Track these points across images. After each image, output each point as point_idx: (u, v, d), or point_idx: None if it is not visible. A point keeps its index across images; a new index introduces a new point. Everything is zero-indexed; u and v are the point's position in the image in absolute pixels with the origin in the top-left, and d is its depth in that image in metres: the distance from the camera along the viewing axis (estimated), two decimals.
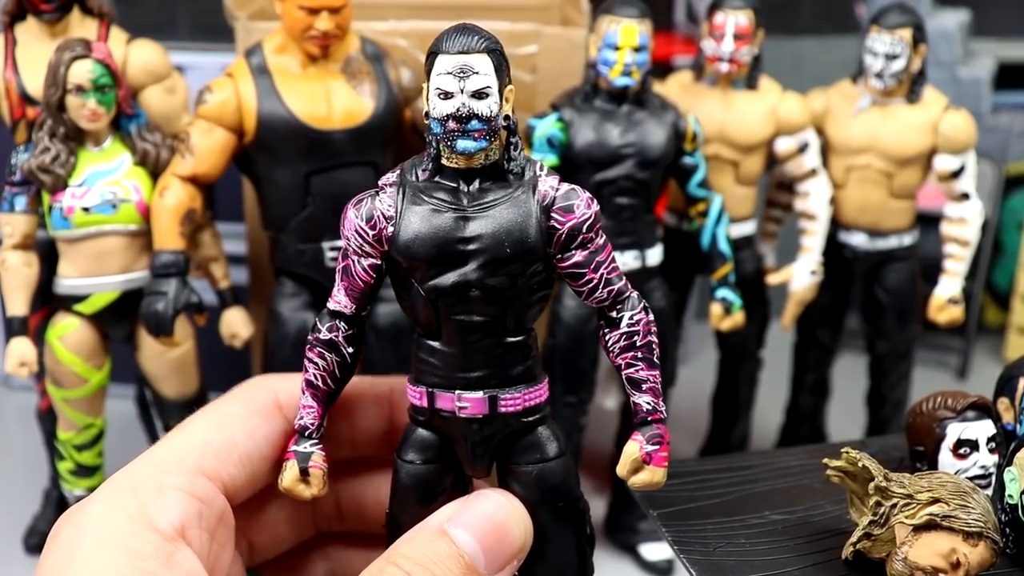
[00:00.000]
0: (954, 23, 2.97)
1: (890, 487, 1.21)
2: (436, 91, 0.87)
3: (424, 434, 0.91)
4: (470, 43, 0.87)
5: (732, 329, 2.08)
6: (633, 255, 1.96)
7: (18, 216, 1.81)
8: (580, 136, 1.91)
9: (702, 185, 2.01)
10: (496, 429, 0.90)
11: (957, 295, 2.13)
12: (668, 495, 1.43)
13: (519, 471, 0.90)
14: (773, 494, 1.44)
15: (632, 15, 1.89)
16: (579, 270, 0.90)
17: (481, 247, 0.86)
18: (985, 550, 1.18)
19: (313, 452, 0.90)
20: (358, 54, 1.89)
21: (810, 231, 2.17)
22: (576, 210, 0.89)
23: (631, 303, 0.93)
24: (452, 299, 0.87)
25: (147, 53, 1.94)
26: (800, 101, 2.14)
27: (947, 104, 2.10)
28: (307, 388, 0.92)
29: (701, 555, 1.29)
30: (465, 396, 0.88)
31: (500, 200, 0.87)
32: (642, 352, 0.92)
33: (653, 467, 0.91)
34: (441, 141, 0.87)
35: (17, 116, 1.91)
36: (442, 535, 0.81)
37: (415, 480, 0.90)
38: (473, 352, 0.88)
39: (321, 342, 0.92)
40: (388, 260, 0.90)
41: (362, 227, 0.89)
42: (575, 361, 2.01)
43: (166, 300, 1.79)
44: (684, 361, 2.62)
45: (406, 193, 0.88)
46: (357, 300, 0.93)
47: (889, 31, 2.03)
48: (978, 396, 1.38)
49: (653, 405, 0.92)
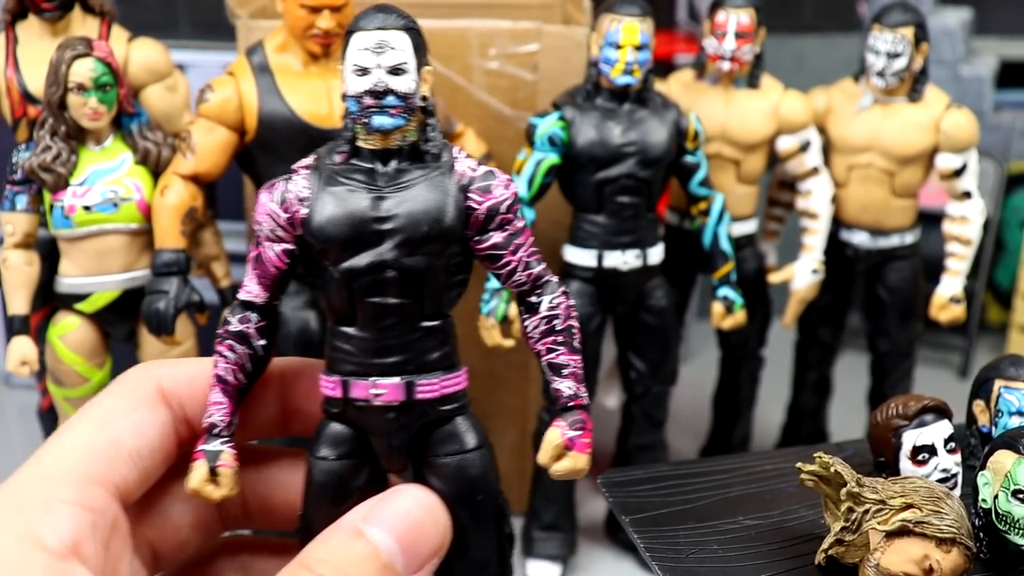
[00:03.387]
0: (956, 21, 2.97)
1: (862, 492, 1.19)
2: (353, 68, 0.86)
3: (338, 428, 0.88)
4: (388, 20, 0.86)
5: (733, 328, 2.08)
6: (635, 254, 1.96)
7: (19, 215, 1.81)
8: (582, 135, 1.91)
9: (704, 184, 2.01)
10: (413, 417, 0.87)
11: (959, 294, 2.13)
12: (641, 501, 1.42)
13: (437, 463, 0.88)
14: (748, 499, 1.42)
15: (634, 13, 1.88)
16: (497, 251, 0.88)
17: (397, 227, 0.84)
18: (959, 556, 1.17)
19: (223, 451, 0.86)
20: None
21: (812, 230, 2.17)
22: (494, 191, 0.87)
23: (551, 287, 0.90)
24: (367, 281, 0.85)
25: (148, 51, 1.94)
26: (802, 99, 2.14)
27: (949, 102, 2.10)
28: (216, 383, 0.87)
29: (673, 562, 1.28)
30: (381, 382, 0.86)
31: (417, 180, 0.86)
32: (562, 336, 0.89)
33: (576, 453, 0.88)
34: (357, 119, 0.86)
35: (18, 114, 1.91)
36: (357, 535, 0.77)
37: (329, 477, 0.87)
38: (388, 337, 0.86)
39: (231, 334, 0.88)
40: (302, 244, 0.87)
41: (275, 211, 0.86)
42: None
43: (167, 299, 1.79)
44: (685, 360, 2.61)
45: (321, 175, 0.86)
46: (269, 289, 0.90)
47: (891, 29, 2.03)
48: (930, 398, 1.37)
49: (575, 390, 0.89)
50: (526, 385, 2.24)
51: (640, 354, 2.08)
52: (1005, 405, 1.40)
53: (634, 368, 2.09)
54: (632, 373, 2.10)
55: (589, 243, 1.96)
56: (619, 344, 2.12)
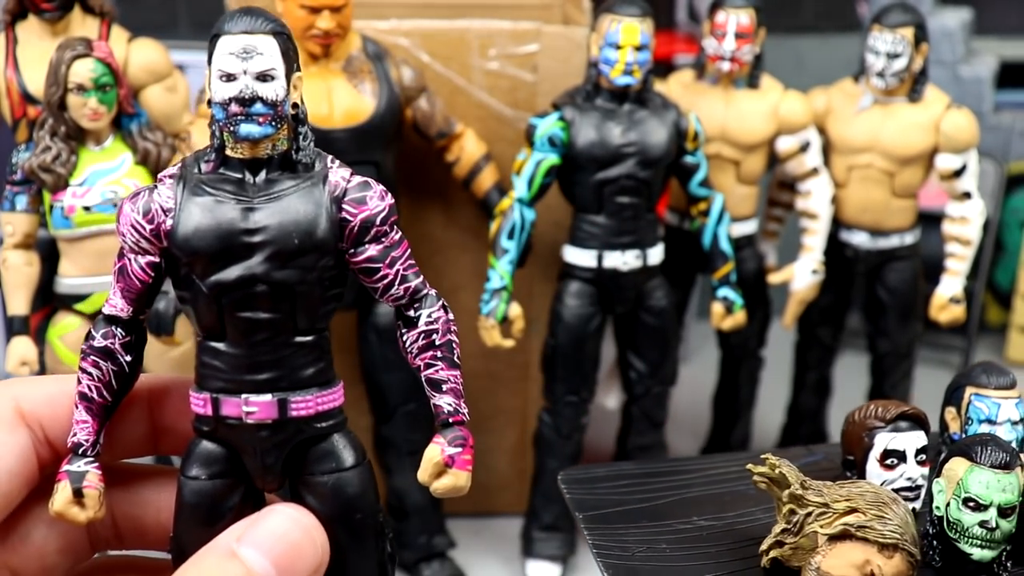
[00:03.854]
0: (956, 22, 2.97)
1: (806, 495, 1.19)
2: (218, 73, 0.82)
3: (209, 447, 0.84)
4: (254, 24, 0.82)
5: (733, 328, 2.08)
6: (634, 254, 1.96)
7: (19, 215, 1.81)
8: (581, 135, 1.91)
9: (703, 184, 2.01)
10: (287, 436, 0.84)
11: (959, 294, 2.13)
12: (599, 498, 1.42)
13: (314, 481, 0.84)
14: (705, 500, 1.41)
15: (634, 14, 1.88)
16: (373, 265, 0.85)
17: (268, 239, 0.81)
18: (901, 562, 1.16)
19: (88, 471, 0.82)
20: (360, 53, 1.89)
21: (811, 230, 2.17)
22: (369, 202, 0.84)
23: (429, 300, 0.87)
24: (237, 295, 0.81)
25: (148, 52, 1.94)
26: (802, 100, 2.14)
27: (949, 103, 2.10)
28: (80, 401, 0.83)
29: (618, 559, 1.28)
30: (253, 400, 0.82)
31: (289, 191, 0.82)
32: (442, 351, 0.87)
33: (456, 471, 0.84)
34: (223, 127, 0.82)
35: (18, 115, 1.91)
36: (231, 557, 0.74)
37: (200, 497, 0.83)
38: (260, 353, 0.82)
39: (95, 350, 0.86)
40: (167, 257, 0.84)
41: (139, 222, 0.82)
42: (576, 361, 2.01)
43: (167, 299, 1.79)
44: (685, 360, 2.61)
45: (187, 185, 0.82)
46: (134, 303, 0.86)
47: (891, 30, 2.03)
48: (911, 407, 1.36)
49: (455, 407, 0.86)
50: (525, 385, 2.24)
51: (640, 354, 2.08)
52: (975, 413, 1.39)
53: (634, 368, 2.09)
54: (632, 373, 2.10)
55: (589, 243, 1.96)
56: (619, 344, 2.12)
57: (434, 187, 2.11)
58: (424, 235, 2.14)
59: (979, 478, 1.20)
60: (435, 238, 2.15)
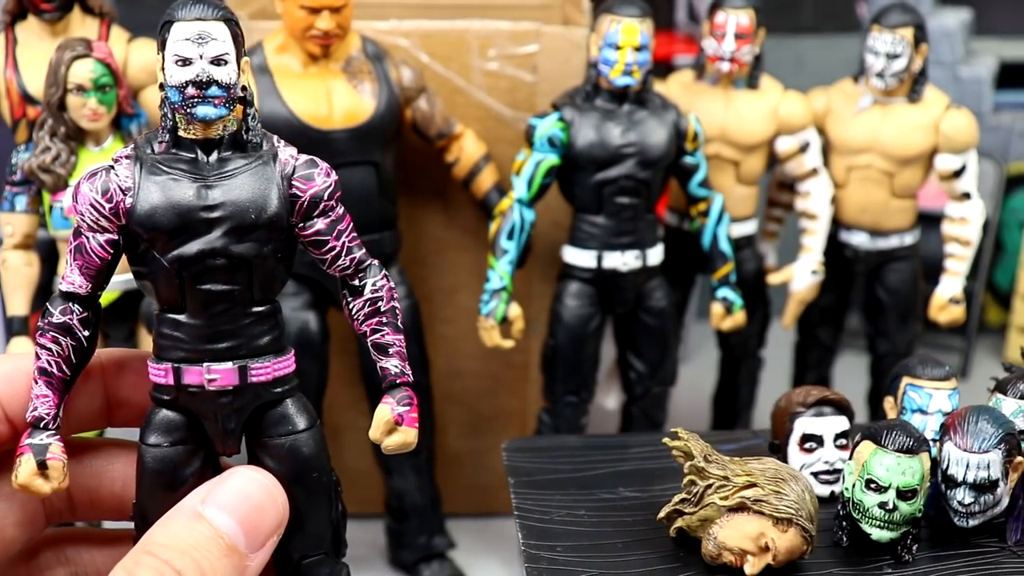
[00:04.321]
0: (955, 22, 2.97)
1: (708, 468, 1.24)
2: (174, 58, 0.86)
3: (169, 415, 0.88)
4: (206, 11, 0.87)
5: (733, 329, 2.08)
6: (634, 254, 1.96)
7: (19, 216, 1.81)
8: (581, 136, 1.91)
9: (703, 185, 2.01)
10: (247, 401, 0.89)
11: (958, 295, 2.13)
12: (534, 466, 1.49)
13: (271, 444, 0.89)
14: (636, 473, 1.47)
15: (633, 14, 1.88)
16: (321, 238, 0.90)
17: (225, 214, 0.85)
18: (795, 537, 1.20)
19: (51, 443, 0.85)
20: (359, 53, 1.89)
21: (811, 231, 2.17)
22: (316, 178, 0.89)
23: (373, 270, 0.93)
24: (197, 269, 0.86)
25: (148, 52, 1.94)
26: (801, 100, 2.14)
27: (948, 103, 2.10)
28: (40, 376, 0.86)
29: (536, 522, 1.34)
30: (215, 368, 0.87)
31: (241, 169, 0.87)
32: (387, 317, 0.92)
33: (406, 427, 0.90)
34: (178, 110, 0.86)
35: (18, 115, 1.91)
36: (198, 518, 0.77)
37: (162, 464, 0.87)
38: (220, 323, 0.87)
39: (54, 326, 0.88)
40: (126, 234, 0.89)
41: (97, 200, 0.87)
42: (576, 361, 2.01)
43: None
44: (685, 360, 2.62)
45: (143, 165, 0.87)
46: (93, 279, 0.91)
47: (890, 30, 2.03)
48: (834, 393, 1.42)
49: (400, 368, 0.92)
50: (525, 386, 2.24)
51: (639, 355, 2.08)
52: (908, 402, 1.44)
53: (633, 369, 2.09)
54: (631, 374, 2.10)
55: (589, 244, 1.96)
56: (618, 345, 2.13)
57: (434, 188, 2.12)
58: (424, 235, 2.14)
59: (882, 461, 1.24)
60: (435, 238, 2.15)
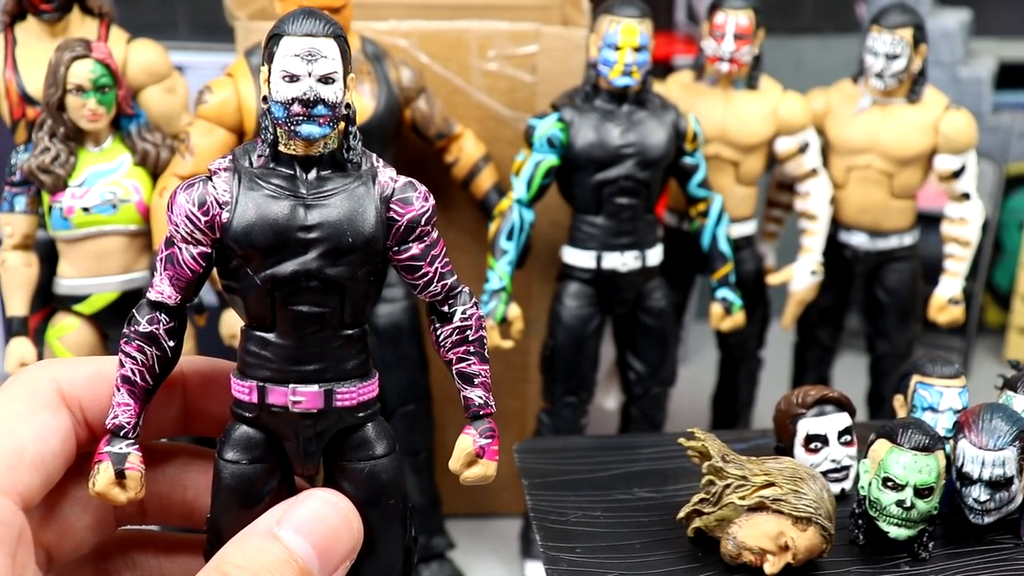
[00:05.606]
0: (955, 23, 2.97)
1: (726, 468, 1.25)
2: (282, 73, 0.84)
3: (249, 432, 0.87)
4: (317, 27, 0.84)
5: (732, 329, 2.08)
6: (633, 255, 1.96)
7: (18, 216, 1.81)
8: (580, 136, 1.91)
9: (702, 185, 2.01)
10: (330, 424, 0.87)
11: (958, 295, 2.13)
12: (548, 467, 1.49)
13: (350, 468, 0.88)
14: (650, 473, 1.47)
15: (633, 15, 1.88)
16: (415, 263, 0.89)
17: (322, 236, 0.84)
18: (815, 536, 1.21)
19: (130, 453, 0.84)
20: (359, 54, 1.89)
21: (810, 231, 2.17)
22: (415, 202, 0.88)
23: (463, 298, 0.91)
24: (290, 289, 0.84)
25: (147, 53, 1.94)
26: (801, 101, 2.14)
27: (948, 104, 2.10)
28: (123, 384, 0.85)
29: (553, 523, 1.34)
30: (300, 390, 0.85)
31: (339, 189, 0.85)
32: (474, 347, 0.91)
33: (486, 460, 0.89)
34: (281, 125, 0.84)
35: (17, 116, 1.91)
36: (273, 539, 0.77)
37: (239, 481, 0.86)
38: (309, 345, 0.85)
39: (140, 335, 0.86)
40: (219, 248, 0.86)
41: (194, 213, 0.84)
42: (575, 361, 2.01)
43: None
44: (684, 361, 2.61)
45: (241, 179, 0.85)
46: (183, 291, 0.88)
47: (890, 31, 2.03)
48: (831, 390, 1.42)
49: (485, 399, 0.90)
50: (524, 387, 2.24)
51: (639, 355, 2.08)
52: (919, 400, 1.44)
53: (633, 369, 2.09)
54: (631, 374, 2.10)
55: (588, 244, 1.96)
56: (618, 345, 2.12)
57: (433, 188, 2.08)
58: None
59: (899, 459, 1.25)
60: None
